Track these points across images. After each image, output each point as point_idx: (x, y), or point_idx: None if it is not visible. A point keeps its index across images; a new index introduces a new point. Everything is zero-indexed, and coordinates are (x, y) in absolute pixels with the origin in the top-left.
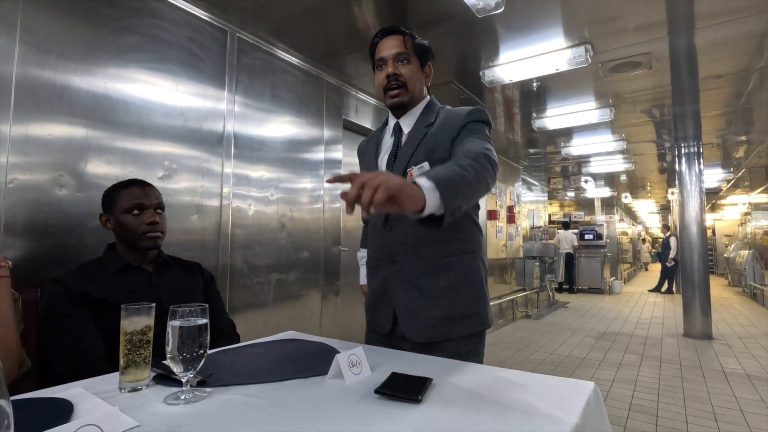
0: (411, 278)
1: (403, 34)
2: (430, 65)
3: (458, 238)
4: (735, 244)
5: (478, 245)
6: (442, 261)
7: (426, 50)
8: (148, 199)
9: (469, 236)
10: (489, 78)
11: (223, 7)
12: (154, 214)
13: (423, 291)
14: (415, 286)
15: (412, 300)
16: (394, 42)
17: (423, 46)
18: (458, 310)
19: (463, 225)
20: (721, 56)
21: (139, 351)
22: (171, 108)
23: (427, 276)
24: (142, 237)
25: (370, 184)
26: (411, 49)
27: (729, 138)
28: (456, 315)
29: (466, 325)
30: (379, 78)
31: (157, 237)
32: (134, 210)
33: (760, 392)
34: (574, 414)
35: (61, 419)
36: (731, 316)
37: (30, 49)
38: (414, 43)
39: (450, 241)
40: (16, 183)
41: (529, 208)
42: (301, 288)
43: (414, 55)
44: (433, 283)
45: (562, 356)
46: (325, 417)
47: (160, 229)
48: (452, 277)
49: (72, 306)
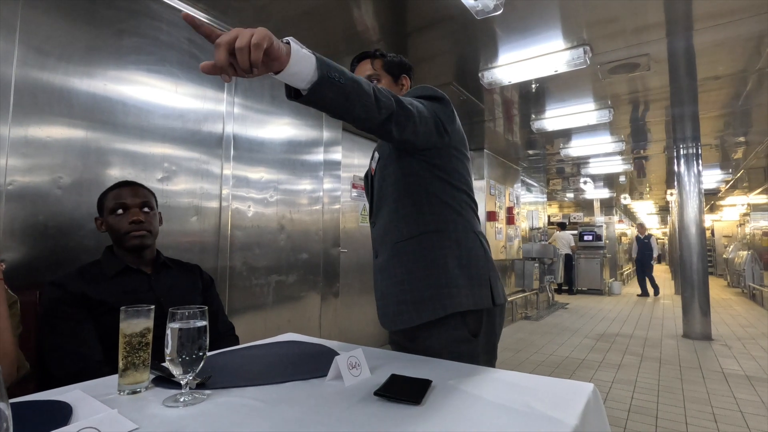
0: (383, 269)
1: (372, 57)
2: (405, 77)
3: (414, 220)
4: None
5: (449, 225)
6: (402, 244)
7: (396, 65)
8: (131, 198)
9: (433, 216)
10: (488, 79)
11: (223, 8)
12: (138, 212)
13: (390, 278)
14: (385, 274)
15: (381, 289)
16: (364, 66)
17: (392, 62)
18: (418, 293)
19: (420, 204)
20: (719, 58)
21: (138, 353)
22: (170, 110)
23: (392, 262)
24: (126, 236)
25: (239, 32)
26: (380, 68)
27: (727, 139)
28: (416, 299)
29: (429, 309)
30: None
31: (142, 236)
32: (118, 210)
33: (760, 393)
34: (573, 415)
35: (60, 422)
36: (730, 317)
37: (29, 51)
38: (382, 62)
39: (406, 224)
40: (16, 185)
41: (528, 210)
42: (300, 290)
43: (385, 72)
44: (396, 269)
45: (562, 357)
46: (325, 419)
47: (145, 228)
48: (411, 260)
49: (71, 308)
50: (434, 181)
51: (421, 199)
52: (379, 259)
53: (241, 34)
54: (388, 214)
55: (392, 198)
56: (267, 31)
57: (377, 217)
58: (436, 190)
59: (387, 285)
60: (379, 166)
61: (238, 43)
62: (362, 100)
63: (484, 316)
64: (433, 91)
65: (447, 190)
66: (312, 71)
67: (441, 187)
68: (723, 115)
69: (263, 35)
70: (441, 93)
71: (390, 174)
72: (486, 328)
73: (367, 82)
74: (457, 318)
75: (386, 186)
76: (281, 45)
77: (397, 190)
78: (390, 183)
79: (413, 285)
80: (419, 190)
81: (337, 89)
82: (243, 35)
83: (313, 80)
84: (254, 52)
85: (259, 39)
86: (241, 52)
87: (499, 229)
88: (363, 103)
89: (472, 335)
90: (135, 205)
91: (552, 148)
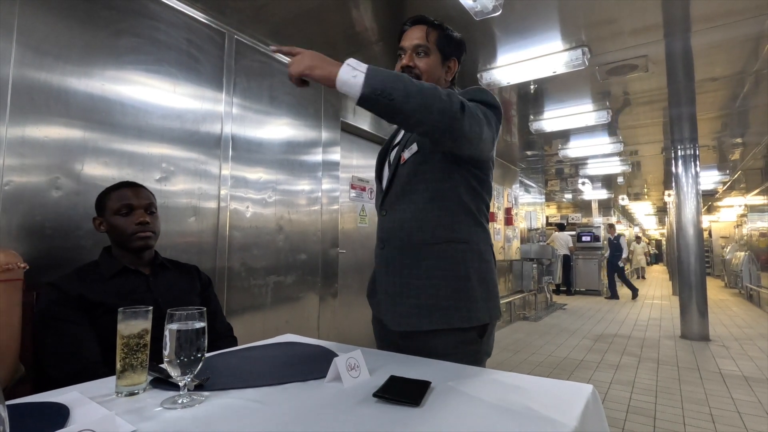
0: (394, 264)
1: (429, 25)
2: (455, 60)
3: (444, 226)
4: (731, 246)
5: (473, 237)
6: (423, 248)
7: (452, 44)
8: (137, 200)
9: (460, 225)
10: (487, 80)
11: (221, 9)
12: (144, 214)
13: (403, 277)
14: (397, 271)
15: (392, 287)
16: (417, 33)
17: (449, 39)
18: (435, 300)
19: (451, 212)
20: (716, 59)
21: (136, 355)
22: (168, 110)
23: (409, 262)
24: (132, 237)
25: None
26: (433, 42)
27: (725, 140)
28: (431, 305)
29: (442, 318)
30: (396, 68)
31: (147, 237)
32: (123, 210)
33: (757, 394)
34: (573, 417)
35: (57, 424)
36: (728, 317)
37: (27, 51)
38: (438, 35)
39: (434, 228)
40: (12, 185)
41: (527, 210)
42: (298, 290)
43: (435, 48)
44: (413, 270)
45: (560, 358)
46: (324, 420)
47: (150, 229)
48: (433, 266)
49: (68, 310)
50: (468, 191)
51: (453, 207)
52: (386, 251)
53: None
54: (410, 211)
55: (422, 197)
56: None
57: (392, 207)
58: (468, 200)
59: (397, 283)
60: (414, 159)
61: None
62: (417, 116)
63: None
64: (492, 98)
65: (475, 202)
66: (358, 91)
67: (472, 198)
68: (720, 117)
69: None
70: (497, 100)
71: (426, 171)
72: (490, 330)
73: (435, 93)
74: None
75: (417, 182)
76: (329, 72)
77: (429, 190)
78: (422, 180)
79: (431, 291)
80: (453, 196)
81: (384, 106)
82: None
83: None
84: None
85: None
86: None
87: (498, 229)
88: (418, 118)
89: (479, 336)
90: (141, 206)
91: (550, 149)
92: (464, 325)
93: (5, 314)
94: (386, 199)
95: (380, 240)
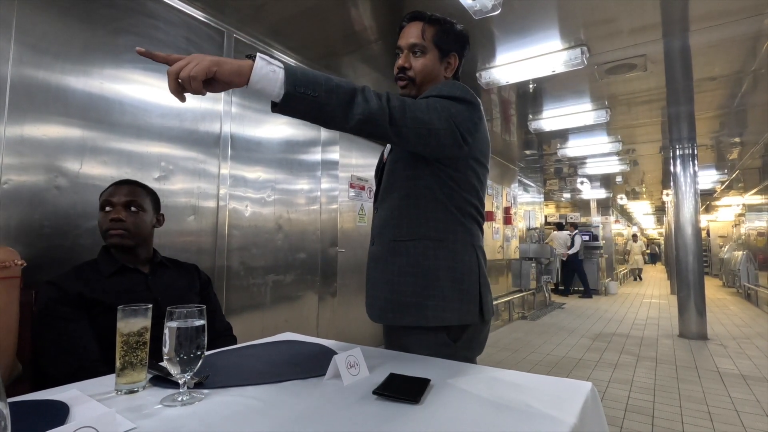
0: (376, 260)
1: (425, 21)
2: (455, 55)
3: (419, 223)
4: (729, 245)
5: (449, 235)
6: (396, 245)
7: (450, 39)
8: (116, 197)
9: (436, 223)
10: (486, 80)
11: (220, 7)
12: (120, 210)
13: (380, 273)
14: (377, 266)
15: (372, 282)
16: (413, 31)
17: (447, 34)
18: (403, 296)
19: (425, 209)
20: (715, 58)
21: (135, 353)
22: (167, 109)
23: (385, 258)
24: (106, 234)
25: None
26: (429, 39)
27: (723, 140)
28: (400, 302)
29: (410, 315)
30: (394, 66)
31: (120, 235)
32: (106, 207)
33: (755, 392)
34: (572, 414)
35: (57, 422)
36: (726, 316)
37: (26, 50)
38: (435, 31)
39: (408, 225)
40: (11, 184)
41: (526, 210)
42: (297, 289)
43: (432, 45)
44: (388, 266)
45: (559, 357)
46: (324, 418)
47: (123, 227)
48: (404, 262)
49: (67, 308)
50: (443, 188)
51: (426, 204)
52: (374, 248)
53: (185, 66)
54: (390, 208)
55: (398, 194)
56: (210, 61)
57: (381, 204)
58: (443, 197)
59: (378, 277)
60: (391, 158)
61: (181, 74)
62: (340, 113)
63: (469, 328)
64: (462, 92)
65: (455, 200)
66: (279, 87)
67: (449, 196)
68: (719, 116)
69: (202, 67)
70: (470, 95)
71: (399, 169)
72: (468, 335)
73: (353, 89)
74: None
75: (394, 180)
76: (239, 66)
77: (404, 187)
78: (398, 178)
79: (400, 288)
80: (426, 194)
81: (308, 103)
82: (185, 68)
83: (281, 95)
84: (192, 83)
85: (197, 72)
86: (184, 82)
87: (497, 229)
88: (343, 115)
89: (452, 341)
90: (120, 203)
91: (549, 149)
92: (429, 323)
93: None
94: (378, 197)
95: (371, 236)
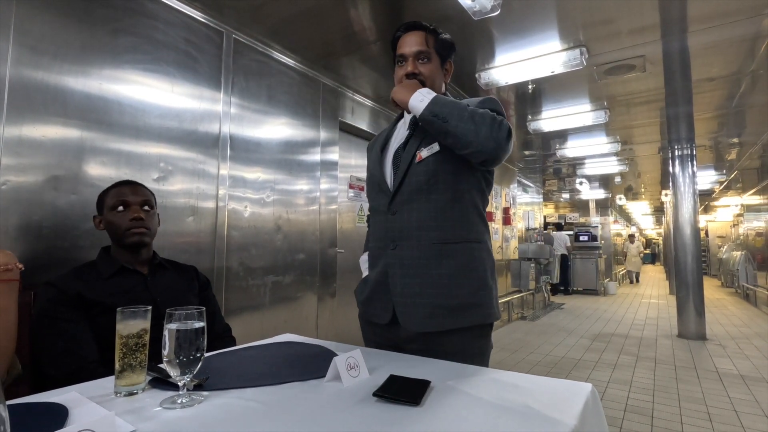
0: (411, 264)
1: (426, 31)
2: (450, 62)
3: (462, 226)
4: (728, 246)
5: (484, 236)
6: (444, 247)
7: (448, 47)
8: (132, 196)
9: (474, 225)
10: (485, 80)
11: (219, 8)
12: (139, 210)
13: (422, 278)
14: (414, 272)
15: (410, 287)
16: (416, 39)
17: (445, 43)
18: (458, 299)
19: (467, 212)
20: (713, 59)
21: (134, 354)
22: (166, 109)
23: (428, 262)
24: (127, 233)
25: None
26: (432, 47)
27: (721, 140)
28: (455, 305)
29: (465, 317)
30: (398, 74)
31: (141, 233)
32: (119, 207)
33: (754, 392)
34: (572, 416)
35: (56, 424)
36: (724, 316)
37: (24, 50)
38: (436, 40)
39: (453, 227)
40: (10, 185)
41: (525, 210)
42: (297, 290)
43: (435, 53)
44: (433, 270)
45: (558, 357)
46: (324, 420)
47: (144, 225)
48: (453, 265)
49: (66, 309)
50: (479, 194)
51: (468, 207)
52: (398, 252)
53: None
54: (431, 210)
55: (443, 197)
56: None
57: (402, 206)
58: (477, 202)
59: (416, 284)
60: (435, 158)
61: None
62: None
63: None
64: (502, 107)
65: (483, 202)
66: (419, 111)
67: (481, 201)
68: (717, 117)
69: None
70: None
71: (447, 172)
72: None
73: (485, 119)
74: (487, 325)
75: (435, 182)
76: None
77: (449, 190)
78: (443, 180)
79: (454, 291)
80: (468, 198)
81: (437, 126)
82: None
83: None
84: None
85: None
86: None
87: (496, 229)
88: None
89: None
90: (136, 202)
91: (548, 149)
92: (485, 321)
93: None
94: (396, 198)
95: (390, 240)
